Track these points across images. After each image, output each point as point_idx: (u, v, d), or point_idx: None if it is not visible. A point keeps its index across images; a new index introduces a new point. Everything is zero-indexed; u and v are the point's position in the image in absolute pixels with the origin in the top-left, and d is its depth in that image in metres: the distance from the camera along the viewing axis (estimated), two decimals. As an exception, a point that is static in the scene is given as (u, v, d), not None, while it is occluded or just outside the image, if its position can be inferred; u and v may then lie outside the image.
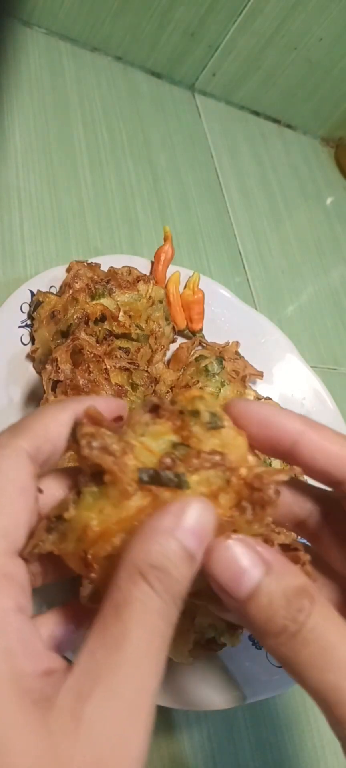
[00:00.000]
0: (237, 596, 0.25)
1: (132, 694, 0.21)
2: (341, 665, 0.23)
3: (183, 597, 0.24)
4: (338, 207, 1.03)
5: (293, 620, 0.23)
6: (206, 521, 0.24)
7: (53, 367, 0.46)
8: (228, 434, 0.27)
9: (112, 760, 0.20)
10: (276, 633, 0.24)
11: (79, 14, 0.79)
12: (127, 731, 0.21)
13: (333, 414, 0.65)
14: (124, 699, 0.21)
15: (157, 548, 0.23)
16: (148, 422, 0.27)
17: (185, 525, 0.24)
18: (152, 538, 0.23)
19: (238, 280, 0.80)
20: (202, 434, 0.26)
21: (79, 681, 0.21)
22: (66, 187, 0.70)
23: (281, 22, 0.87)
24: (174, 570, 0.23)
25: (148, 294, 0.55)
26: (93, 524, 0.25)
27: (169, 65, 0.89)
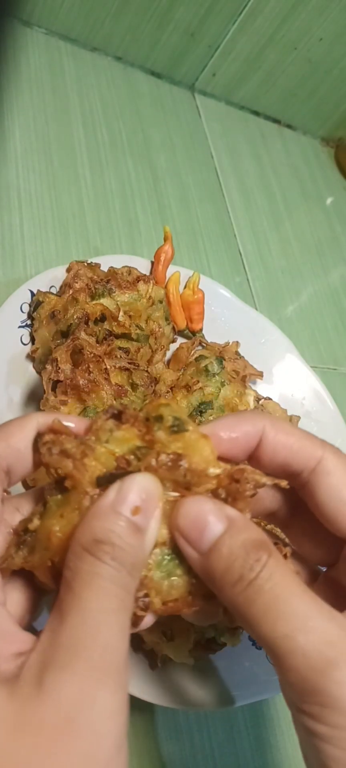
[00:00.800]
0: (199, 547, 0.26)
1: (91, 652, 0.22)
2: (293, 616, 0.24)
3: (139, 566, 0.25)
4: (338, 207, 1.03)
5: (250, 569, 0.25)
6: (147, 491, 0.25)
7: (53, 367, 0.46)
8: (191, 438, 0.27)
9: (79, 716, 0.21)
10: (233, 582, 0.25)
11: (79, 14, 0.79)
12: (90, 688, 0.22)
13: (333, 414, 0.65)
14: (82, 658, 0.22)
15: (99, 524, 0.24)
16: (113, 428, 0.27)
17: (124, 497, 0.25)
18: (95, 516, 0.25)
19: (238, 280, 0.80)
20: (165, 438, 0.27)
21: (41, 654, 0.23)
22: (66, 187, 0.70)
23: (281, 22, 0.87)
24: (119, 540, 0.24)
25: (148, 294, 0.55)
26: (56, 530, 0.26)
27: (169, 65, 0.89)
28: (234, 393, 0.56)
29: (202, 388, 0.56)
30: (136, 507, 0.25)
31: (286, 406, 0.59)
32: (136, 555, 0.25)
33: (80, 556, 0.24)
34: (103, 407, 0.45)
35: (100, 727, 0.22)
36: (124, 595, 0.24)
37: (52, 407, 0.45)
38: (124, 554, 0.24)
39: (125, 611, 0.24)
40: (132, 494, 0.25)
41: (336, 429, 0.64)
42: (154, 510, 0.26)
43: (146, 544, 0.25)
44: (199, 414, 0.56)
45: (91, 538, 0.24)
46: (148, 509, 0.25)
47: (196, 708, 0.44)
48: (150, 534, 0.26)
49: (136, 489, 0.25)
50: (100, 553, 0.24)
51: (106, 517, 0.25)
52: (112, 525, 0.24)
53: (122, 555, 0.24)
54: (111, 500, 0.25)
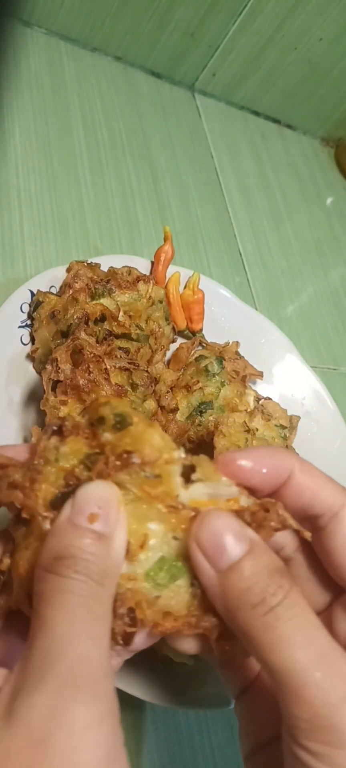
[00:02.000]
0: (218, 564, 0.25)
1: (59, 668, 0.21)
2: (312, 648, 0.23)
3: (110, 574, 0.24)
4: (338, 207, 1.03)
5: (272, 594, 0.24)
6: (101, 497, 0.25)
7: (53, 367, 0.46)
8: (137, 430, 0.26)
9: (51, 736, 0.20)
10: (253, 604, 0.24)
11: (79, 14, 0.79)
12: (62, 704, 0.21)
13: (333, 414, 0.65)
14: (51, 676, 0.21)
15: (57, 542, 0.24)
16: (57, 445, 0.27)
17: (78, 509, 0.25)
18: (53, 536, 0.24)
19: (238, 280, 0.80)
20: (112, 438, 0.26)
21: (11, 684, 0.22)
22: (66, 187, 0.70)
23: (281, 22, 0.87)
24: (79, 552, 0.23)
25: (148, 294, 0.55)
26: (23, 563, 0.26)
27: (169, 65, 0.89)
28: (234, 393, 0.56)
29: (202, 388, 0.56)
30: (91, 514, 0.24)
31: (286, 406, 0.59)
32: (103, 563, 0.24)
33: (42, 578, 0.23)
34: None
35: (77, 742, 0.20)
36: (94, 603, 0.23)
37: (52, 407, 0.45)
38: (88, 564, 0.23)
39: (98, 620, 0.23)
40: (85, 504, 0.25)
41: (336, 429, 0.64)
42: (115, 514, 0.25)
43: (115, 551, 0.25)
44: (199, 414, 0.56)
45: (51, 557, 0.24)
46: (108, 515, 0.25)
47: (196, 708, 0.44)
48: (117, 540, 0.25)
49: (88, 498, 0.25)
50: (61, 569, 0.23)
51: (64, 533, 0.24)
52: (71, 539, 0.24)
53: (86, 566, 0.23)
54: (66, 516, 0.25)
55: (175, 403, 0.55)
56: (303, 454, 0.56)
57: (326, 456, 0.62)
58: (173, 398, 0.55)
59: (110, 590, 0.24)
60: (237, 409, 0.55)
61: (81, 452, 0.26)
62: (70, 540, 0.24)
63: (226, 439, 0.49)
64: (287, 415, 0.58)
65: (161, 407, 0.53)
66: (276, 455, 0.29)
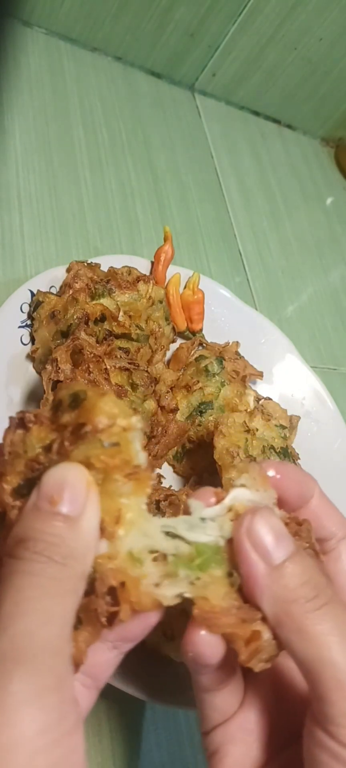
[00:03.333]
0: (271, 557, 0.26)
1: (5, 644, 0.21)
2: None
3: (77, 556, 0.24)
4: (338, 207, 1.03)
5: (324, 590, 0.25)
6: (64, 477, 0.24)
7: (53, 367, 0.46)
8: (90, 403, 0.25)
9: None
10: (309, 598, 0.25)
11: (79, 14, 0.79)
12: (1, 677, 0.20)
13: (333, 414, 0.65)
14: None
15: (19, 527, 0.24)
16: (23, 437, 0.26)
17: (40, 493, 0.24)
18: (17, 524, 0.24)
19: (238, 280, 0.80)
20: (70, 418, 0.26)
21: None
22: (66, 187, 0.70)
23: (281, 22, 0.87)
24: (40, 534, 0.23)
25: (148, 294, 0.55)
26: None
27: (169, 65, 0.89)
28: (234, 393, 0.56)
29: (202, 388, 0.56)
30: (53, 497, 0.24)
31: (286, 406, 0.59)
32: (68, 545, 0.23)
33: (4, 564, 0.23)
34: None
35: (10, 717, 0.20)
36: (50, 583, 0.22)
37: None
38: (49, 546, 0.23)
39: (52, 598, 0.22)
40: (46, 487, 0.24)
41: (336, 429, 0.64)
42: (81, 494, 0.24)
43: (82, 532, 0.24)
44: (199, 414, 0.56)
45: (14, 542, 0.23)
46: (73, 496, 0.24)
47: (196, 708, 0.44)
48: (86, 520, 0.24)
49: (52, 481, 0.24)
50: (20, 551, 0.23)
51: (27, 518, 0.24)
52: (33, 522, 0.24)
53: (46, 547, 0.23)
54: (31, 502, 0.24)
55: (175, 403, 0.55)
56: (303, 454, 0.57)
57: (326, 456, 0.62)
58: (173, 398, 0.55)
59: (76, 570, 0.23)
60: (237, 409, 0.55)
61: (46, 439, 0.26)
62: (32, 523, 0.24)
63: (226, 439, 0.49)
64: (287, 415, 0.58)
65: (161, 407, 0.53)
66: (303, 474, 0.31)
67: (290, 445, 0.56)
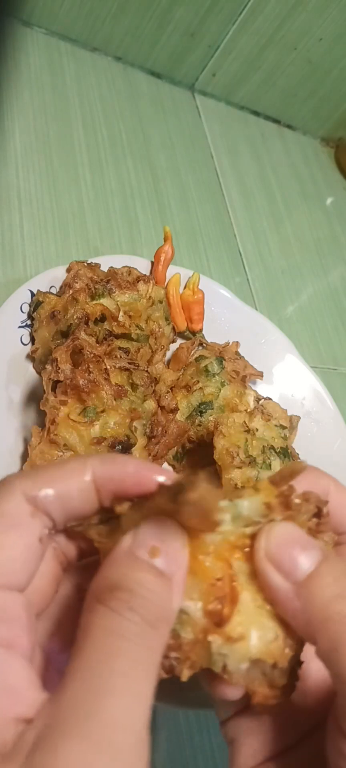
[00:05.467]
0: (295, 574, 0.24)
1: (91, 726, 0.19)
2: None
3: (166, 619, 0.22)
4: (338, 207, 1.03)
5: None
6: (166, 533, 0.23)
7: (53, 367, 0.46)
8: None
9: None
10: (340, 609, 0.23)
11: (79, 14, 0.79)
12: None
13: (333, 414, 0.65)
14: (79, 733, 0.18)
15: (114, 570, 0.22)
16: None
17: (140, 540, 0.23)
18: (110, 564, 0.23)
19: (238, 280, 0.80)
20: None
21: (39, 725, 0.19)
22: (66, 187, 0.70)
23: (281, 22, 0.87)
24: (138, 586, 0.21)
25: (148, 294, 0.55)
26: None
27: (169, 65, 0.89)
28: (234, 393, 0.56)
29: (202, 388, 0.56)
30: (153, 548, 0.22)
31: (286, 406, 0.59)
32: (161, 604, 0.22)
33: (92, 610, 0.21)
34: (103, 407, 0.45)
35: None
36: (142, 652, 0.21)
37: (52, 407, 0.45)
38: (145, 602, 0.21)
39: (143, 672, 0.20)
40: (148, 536, 0.23)
41: (336, 429, 0.64)
42: (178, 554, 0.23)
43: (174, 594, 0.23)
44: (199, 414, 0.56)
45: (105, 586, 0.21)
46: (170, 553, 0.23)
47: (196, 708, 0.44)
48: (178, 582, 0.23)
49: (152, 532, 0.23)
50: (115, 603, 0.21)
51: (123, 562, 0.22)
52: (130, 569, 0.22)
53: (143, 603, 0.21)
54: (127, 545, 0.23)
55: (175, 403, 0.55)
56: (303, 454, 0.57)
57: (326, 456, 0.62)
58: (173, 398, 0.55)
59: (163, 637, 0.22)
60: (237, 409, 0.55)
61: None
62: (127, 570, 0.22)
63: (226, 439, 0.49)
64: (287, 415, 0.58)
65: (161, 407, 0.53)
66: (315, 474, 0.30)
67: (290, 445, 0.56)
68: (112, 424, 0.45)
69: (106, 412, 0.45)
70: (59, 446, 0.44)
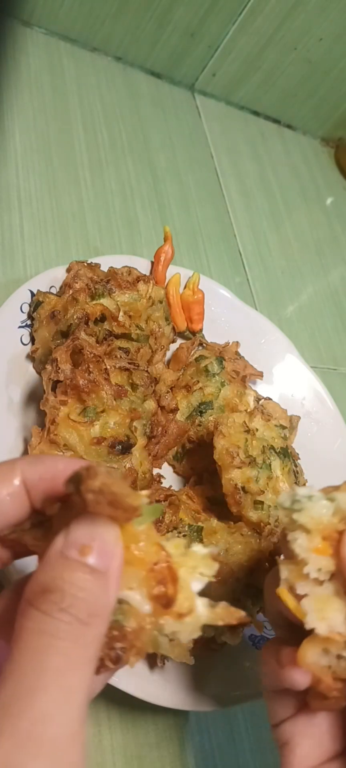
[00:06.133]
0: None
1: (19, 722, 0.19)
2: None
3: (101, 614, 0.22)
4: (338, 207, 1.03)
5: None
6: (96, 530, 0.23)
7: (53, 367, 0.46)
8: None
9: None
10: None
11: (79, 14, 0.79)
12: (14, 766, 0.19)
13: (333, 414, 0.65)
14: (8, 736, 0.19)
15: (46, 573, 0.22)
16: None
17: (71, 539, 0.23)
18: (42, 567, 0.23)
19: (238, 281, 0.80)
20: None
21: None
22: (66, 188, 0.70)
23: (281, 22, 0.87)
24: (69, 586, 0.22)
25: (148, 294, 0.55)
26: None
27: (169, 65, 0.89)
28: (234, 393, 0.56)
29: (202, 388, 0.56)
30: (83, 546, 0.22)
31: (286, 406, 0.59)
32: (94, 601, 0.22)
33: (25, 614, 0.21)
34: (103, 407, 0.45)
35: None
36: (74, 649, 0.21)
37: (52, 407, 0.45)
38: (77, 601, 0.21)
39: (75, 669, 0.21)
40: (78, 535, 0.23)
41: (336, 429, 0.64)
42: (111, 548, 0.23)
43: (110, 587, 0.23)
44: (199, 414, 0.56)
45: (38, 589, 0.22)
46: (102, 548, 0.23)
47: (196, 708, 0.44)
48: (114, 574, 0.23)
49: (82, 530, 0.23)
50: (46, 605, 0.21)
51: (54, 564, 0.22)
52: (61, 571, 0.22)
53: (74, 602, 0.21)
54: (58, 547, 0.23)
55: (175, 403, 0.55)
56: (303, 454, 0.57)
57: (326, 456, 0.62)
58: (173, 398, 0.55)
59: (98, 631, 0.22)
60: (237, 409, 0.55)
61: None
62: (59, 572, 0.22)
63: (226, 439, 0.49)
64: (287, 415, 0.58)
65: (161, 407, 0.53)
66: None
67: (290, 445, 0.56)
68: (112, 424, 0.45)
69: (106, 412, 0.45)
70: (59, 446, 0.44)
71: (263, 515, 0.48)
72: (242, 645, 0.44)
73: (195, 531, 0.45)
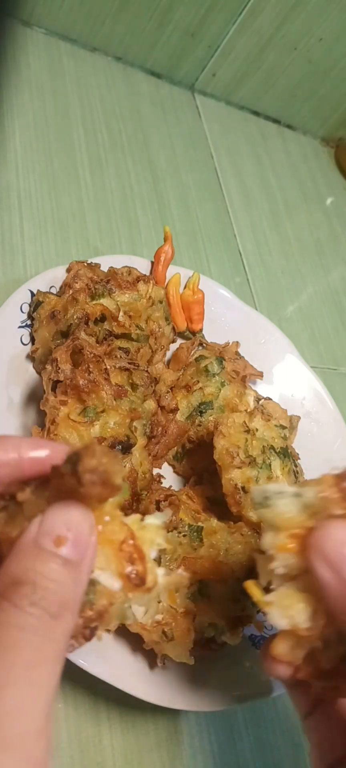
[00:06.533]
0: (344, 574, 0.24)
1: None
2: None
3: (71, 605, 0.22)
4: (338, 207, 1.03)
5: None
6: (72, 519, 0.23)
7: (53, 367, 0.46)
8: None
9: None
10: None
11: (79, 14, 0.79)
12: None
13: (333, 414, 0.65)
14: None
15: (18, 563, 0.22)
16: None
17: (45, 529, 0.22)
18: (15, 555, 0.22)
19: (238, 281, 0.80)
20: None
21: None
22: (66, 188, 0.70)
23: (281, 22, 0.87)
24: (41, 578, 0.21)
25: (148, 294, 0.55)
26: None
27: (169, 65, 0.89)
28: (234, 393, 0.56)
29: (202, 389, 0.56)
30: (59, 537, 0.22)
31: (286, 406, 0.59)
32: (65, 594, 0.22)
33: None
34: (103, 407, 0.45)
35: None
36: (43, 644, 0.21)
37: (52, 407, 0.45)
38: (49, 595, 0.21)
39: (44, 663, 0.21)
40: (54, 524, 0.22)
41: (336, 429, 0.64)
42: (86, 539, 0.23)
43: (81, 579, 0.23)
44: (199, 414, 0.56)
45: (9, 581, 0.21)
46: (77, 539, 0.22)
47: (196, 708, 0.44)
48: (86, 566, 0.23)
49: (57, 518, 0.23)
50: (17, 598, 0.21)
51: (27, 554, 0.22)
52: (34, 562, 0.22)
53: (46, 596, 0.21)
54: (32, 535, 0.22)
55: (175, 403, 0.55)
56: (303, 454, 0.57)
57: (326, 456, 0.62)
58: (173, 398, 0.55)
59: (68, 624, 0.22)
60: (237, 409, 0.55)
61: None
62: (32, 563, 0.22)
63: (226, 439, 0.49)
64: (287, 415, 0.58)
65: (161, 407, 0.53)
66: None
67: (290, 445, 0.56)
68: (112, 424, 0.45)
69: (106, 412, 0.45)
70: (59, 446, 0.44)
71: (263, 515, 0.48)
72: (242, 645, 0.44)
73: (195, 531, 0.45)
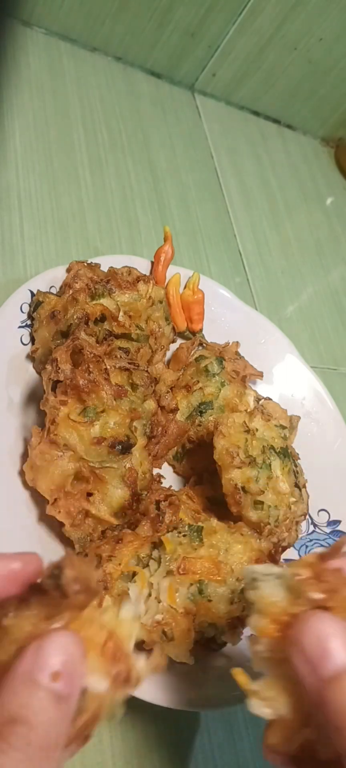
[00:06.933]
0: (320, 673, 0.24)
1: None
2: None
3: (60, 740, 0.22)
4: (338, 207, 1.03)
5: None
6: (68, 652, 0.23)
7: (53, 367, 0.46)
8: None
9: None
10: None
11: (79, 14, 0.79)
12: None
13: (333, 414, 0.65)
14: None
15: (13, 698, 0.22)
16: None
17: (43, 663, 0.22)
18: (10, 687, 0.22)
19: (238, 281, 0.80)
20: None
21: None
22: (66, 188, 0.70)
23: (281, 22, 0.87)
24: (34, 717, 0.21)
25: (148, 294, 0.55)
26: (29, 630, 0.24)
27: (169, 65, 0.89)
28: (234, 393, 0.56)
29: (202, 389, 0.56)
30: (55, 673, 0.22)
31: (286, 406, 0.59)
32: (57, 730, 0.22)
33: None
34: (103, 407, 0.45)
35: None
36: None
37: (52, 407, 0.45)
38: (41, 733, 0.21)
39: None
40: (51, 658, 0.22)
41: (336, 429, 0.64)
42: (78, 669, 0.23)
43: (70, 710, 0.22)
44: (199, 414, 0.56)
45: (5, 719, 0.21)
46: (71, 673, 0.22)
47: (196, 708, 0.44)
48: (74, 699, 0.23)
49: (56, 651, 0.22)
50: (13, 738, 0.21)
51: (23, 688, 0.22)
52: (29, 698, 0.21)
53: (38, 735, 0.21)
54: (28, 666, 0.22)
55: (175, 403, 0.55)
56: (303, 454, 0.57)
57: (326, 456, 0.62)
58: (173, 398, 0.55)
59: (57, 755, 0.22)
60: (237, 409, 0.55)
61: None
62: (28, 699, 0.21)
63: (226, 439, 0.49)
64: (287, 415, 0.58)
65: (161, 407, 0.53)
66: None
67: (290, 445, 0.56)
68: (112, 424, 0.45)
69: (106, 412, 0.45)
70: (59, 446, 0.44)
71: (263, 515, 0.48)
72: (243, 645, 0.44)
73: (195, 531, 0.45)
